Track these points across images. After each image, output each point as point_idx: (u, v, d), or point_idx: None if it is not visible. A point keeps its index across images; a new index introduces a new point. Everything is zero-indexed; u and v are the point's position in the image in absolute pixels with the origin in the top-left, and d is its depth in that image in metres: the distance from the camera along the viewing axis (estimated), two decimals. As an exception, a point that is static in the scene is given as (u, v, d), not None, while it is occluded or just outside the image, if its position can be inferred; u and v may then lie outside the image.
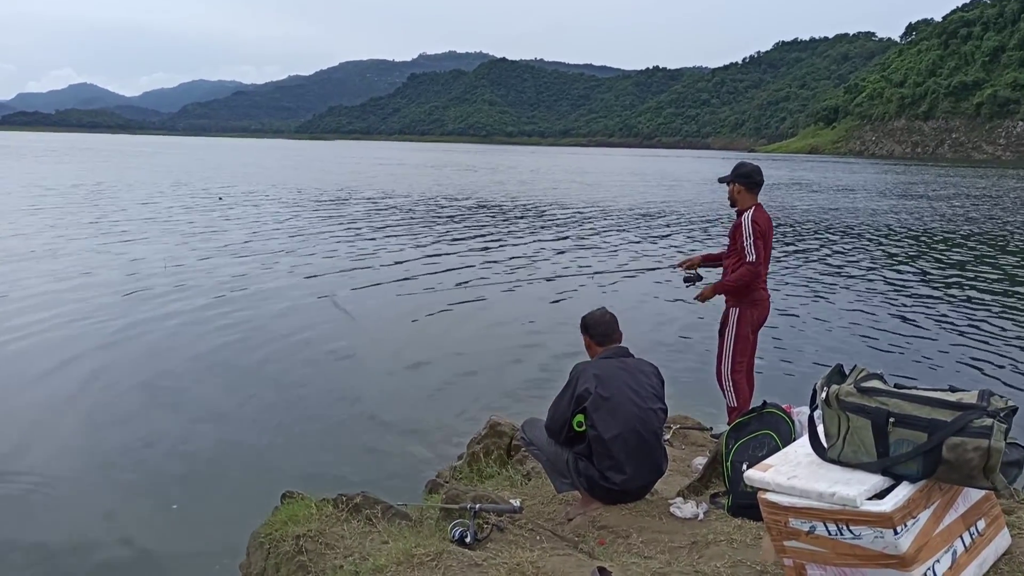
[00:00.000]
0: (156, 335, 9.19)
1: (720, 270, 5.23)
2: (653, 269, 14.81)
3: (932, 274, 14.93)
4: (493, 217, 24.28)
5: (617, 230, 21.41)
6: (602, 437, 3.59)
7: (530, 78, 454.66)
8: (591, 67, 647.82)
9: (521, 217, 24.49)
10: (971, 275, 14.84)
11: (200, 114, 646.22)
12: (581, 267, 14.94)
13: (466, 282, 13.10)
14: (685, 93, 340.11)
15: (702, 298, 5.12)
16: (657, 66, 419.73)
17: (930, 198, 36.96)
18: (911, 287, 13.43)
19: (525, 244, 17.98)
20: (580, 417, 3.67)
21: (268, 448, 6.21)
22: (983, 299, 12.41)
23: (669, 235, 20.50)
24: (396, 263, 14.74)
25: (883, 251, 18.21)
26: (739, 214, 4.99)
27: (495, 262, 15.28)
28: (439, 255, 15.94)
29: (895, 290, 13.11)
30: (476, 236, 19.20)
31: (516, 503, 3.49)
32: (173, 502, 5.26)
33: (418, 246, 17.10)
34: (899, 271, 15.21)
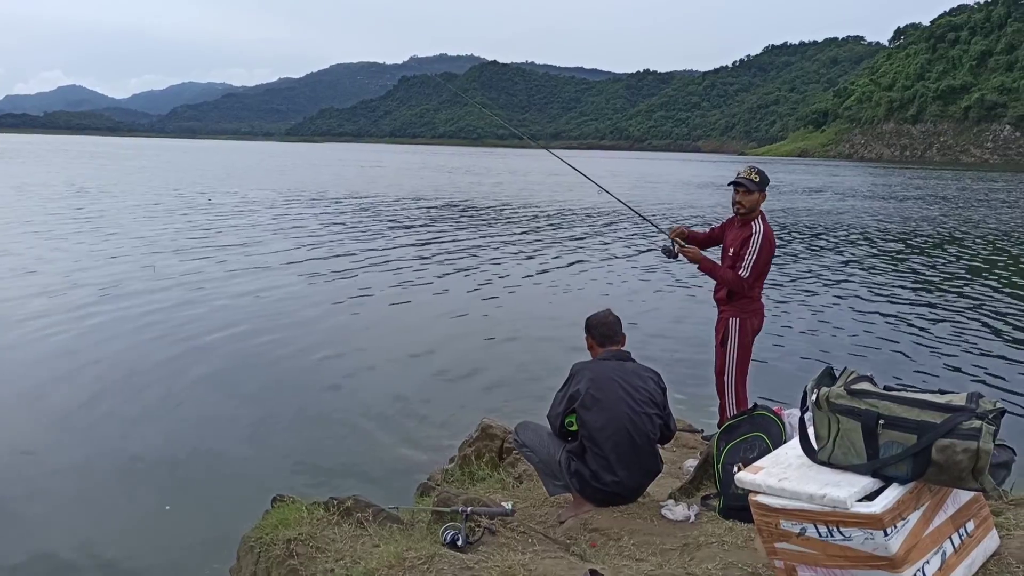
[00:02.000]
0: (146, 339, 9.14)
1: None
2: (637, 268, 14.86)
3: (921, 276, 15.03)
4: (479, 220, 24.28)
5: (596, 232, 21.45)
6: (593, 436, 3.63)
7: (521, 81, 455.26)
8: (582, 70, 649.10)
9: (509, 219, 24.50)
10: (960, 277, 14.94)
11: (190, 116, 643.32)
12: (572, 269, 14.95)
13: (456, 285, 13.10)
14: (675, 96, 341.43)
15: (684, 252, 4.81)
16: (648, 69, 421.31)
17: (918, 201, 37.22)
18: (900, 289, 13.51)
19: (516, 247, 17.98)
20: (572, 417, 3.71)
21: (259, 451, 6.19)
22: (972, 301, 12.50)
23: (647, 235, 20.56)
24: (384, 267, 14.71)
25: (872, 253, 18.32)
26: (745, 223, 4.77)
27: (484, 265, 15.27)
28: (427, 258, 15.92)
29: (884, 292, 13.19)
30: (466, 239, 19.20)
31: (508, 506, 3.49)
32: (165, 504, 5.24)
33: (406, 248, 17.08)
34: (888, 273, 15.30)
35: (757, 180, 4.76)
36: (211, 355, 8.60)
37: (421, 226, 21.82)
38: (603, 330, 3.91)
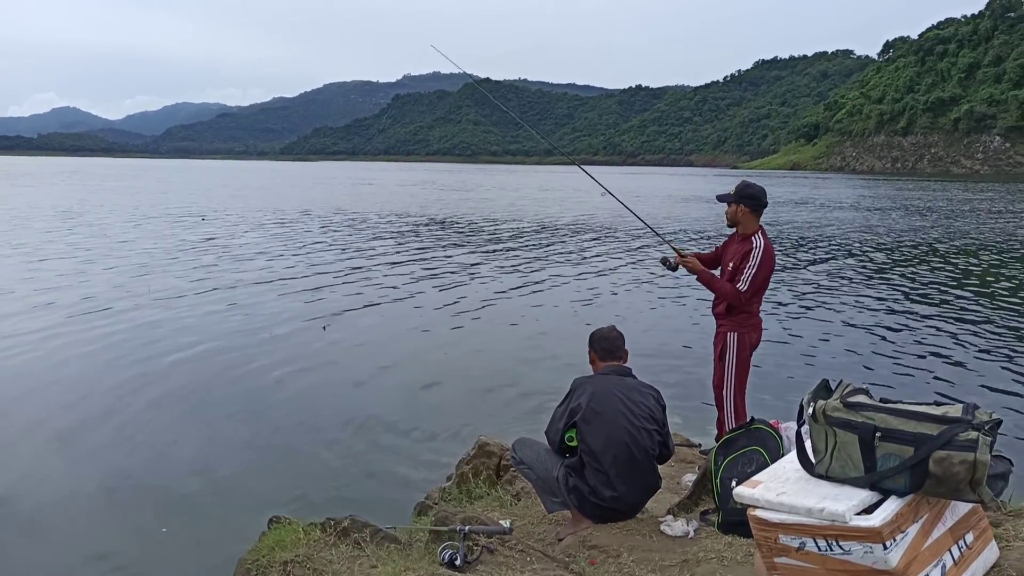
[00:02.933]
0: (143, 359, 9.09)
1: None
2: (634, 283, 14.88)
3: (915, 288, 15.07)
4: (474, 236, 24.32)
5: (590, 248, 21.50)
6: (592, 451, 3.64)
7: (514, 97, 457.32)
8: (574, 86, 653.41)
9: (505, 236, 24.54)
10: (954, 288, 14.99)
11: (184, 136, 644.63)
12: (569, 286, 14.96)
13: (452, 302, 13.09)
14: (668, 111, 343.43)
15: (684, 263, 4.82)
16: (640, 85, 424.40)
17: (910, 212, 37.42)
18: (895, 301, 13.55)
19: (510, 262, 18.00)
20: (572, 432, 3.71)
21: (254, 472, 6.14)
22: (966, 312, 12.54)
23: (642, 247, 20.62)
24: (376, 283, 14.70)
25: (866, 265, 18.39)
26: (745, 238, 4.77)
27: (477, 281, 15.27)
28: (420, 274, 15.92)
29: (879, 304, 13.22)
30: (460, 255, 19.21)
31: (506, 524, 3.47)
32: (161, 526, 5.19)
33: (399, 264, 17.08)
34: (882, 285, 15.34)
35: (733, 192, 4.79)
36: (205, 374, 8.56)
37: (415, 242, 21.84)
38: (606, 345, 3.93)
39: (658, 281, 15.34)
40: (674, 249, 4.95)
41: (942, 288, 15.03)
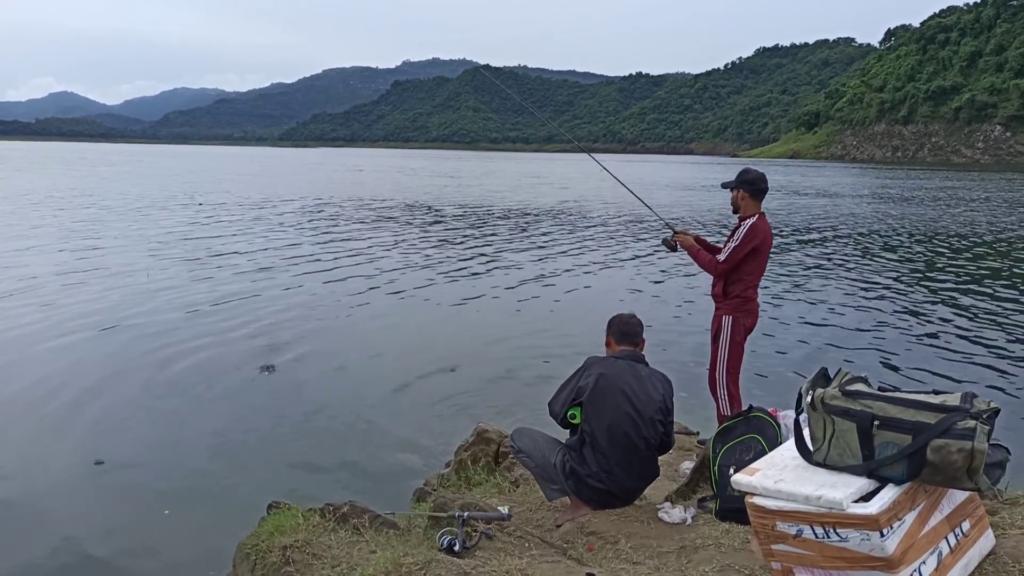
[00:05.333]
0: (144, 345, 9.10)
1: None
2: (636, 273, 14.89)
3: (914, 277, 15.09)
4: (476, 223, 24.28)
5: (591, 236, 21.48)
6: (593, 432, 3.66)
7: (514, 84, 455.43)
8: (575, 73, 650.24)
9: (505, 224, 24.51)
10: (952, 277, 15.00)
11: (182, 122, 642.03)
12: (568, 274, 14.96)
13: (448, 288, 13.09)
14: (668, 99, 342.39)
15: (679, 238, 5.10)
16: (640, 72, 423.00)
17: (911, 201, 37.38)
18: (893, 290, 13.56)
19: (512, 251, 17.99)
20: (576, 410, 3.72)
21: (254, 457, 6.16)
22: (964, 301, 12.55)
23: (644, 238, 20.62)
24: (374, 270, 14.68)
25: (865, 254, 18.39)
26: (741, 220, 4.94)
27: (481, 270, 15.27)
28: (421, 263, 15.91)
29: (878, 293, 13.24)
30: (460, 243, 19.20)
31: (504, 510, 3.48)
32: (164, 508, 5.23)
33: (399, 253, 17.06)
34: (881, 274, 15.35)
35: (732, 178, 5.01)
36: (204, 361, 8.56)
37: (417, 228, 21.81)
38: (624, 328, 3.96)
39: (658, 269, 15.35)
40: (670, 227, 5.19)
41: (941, 277, 15.04)
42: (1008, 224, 26.03)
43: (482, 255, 17.08)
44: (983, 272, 15.84)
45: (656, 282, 14.09)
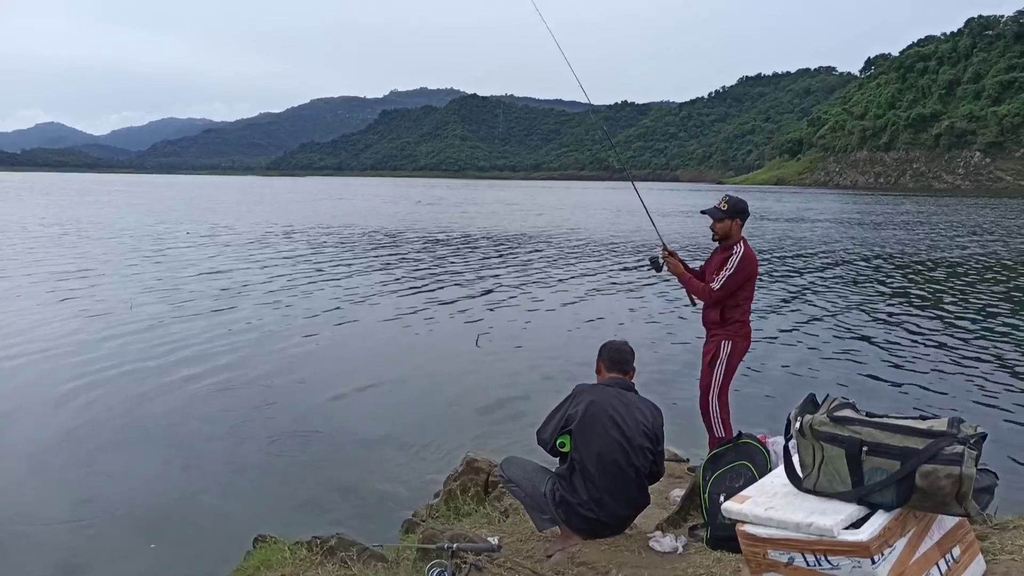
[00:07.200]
0: (128, 377, 9.01)
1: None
2: (623, 300, 14.91)
3: (899, 302, 15.20)
4: (463, 251, 24.32)
5: (581, 264, 21.55)
6: (582, 460, 3.63)
7: (501, 113, 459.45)
8: (561, 102, 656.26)
9: (491, 250, 24.56)
10: (939, 302, 15.13)
11: (170, 152, 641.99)
12: (556, 299, 14.97)
13: (436, 317, 13.07)
14: (653, 127, 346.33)
15: (667, 261, 5.04)
16: (626, 101, 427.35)
17: (894, 227, 37.81)
18: (880, 315, 13.65)
19: (500, 278, 18.00)
20: (565, 438, 3.70)
21: (240, 490, 6.08)
22: (950, 325, 12.64)
23: (634, 264, 20.72)
24: (360, 299, 14.64)
25: (851, 280, 18.53)
26: (727, 247, 4.92)
27: (464, 297, 15.26)
28: (409, 291, 15.88)
29: (864, 318, 13.32)
30: (448, 271, 19.20)
31: (494, 541, 3.45)
32: (149, 543, 5.14)
33: (383, 281, 17.04)
34: (868, 300, 15.46)
35: (725, 208, 4.92)
36: (188, 393, 8.47)
37: (400, 256, 21.80)
38: (615, 356, 3.95)
39: (646, 298, 15.39)
40: (665, 248, 5.13)
41: (927, 302, 15.17)
42: (996, 251, 26.34)
43: (479, 284, 17.08)
44: (970, 297, 15.98)
45: (644, 309, 14.12)
